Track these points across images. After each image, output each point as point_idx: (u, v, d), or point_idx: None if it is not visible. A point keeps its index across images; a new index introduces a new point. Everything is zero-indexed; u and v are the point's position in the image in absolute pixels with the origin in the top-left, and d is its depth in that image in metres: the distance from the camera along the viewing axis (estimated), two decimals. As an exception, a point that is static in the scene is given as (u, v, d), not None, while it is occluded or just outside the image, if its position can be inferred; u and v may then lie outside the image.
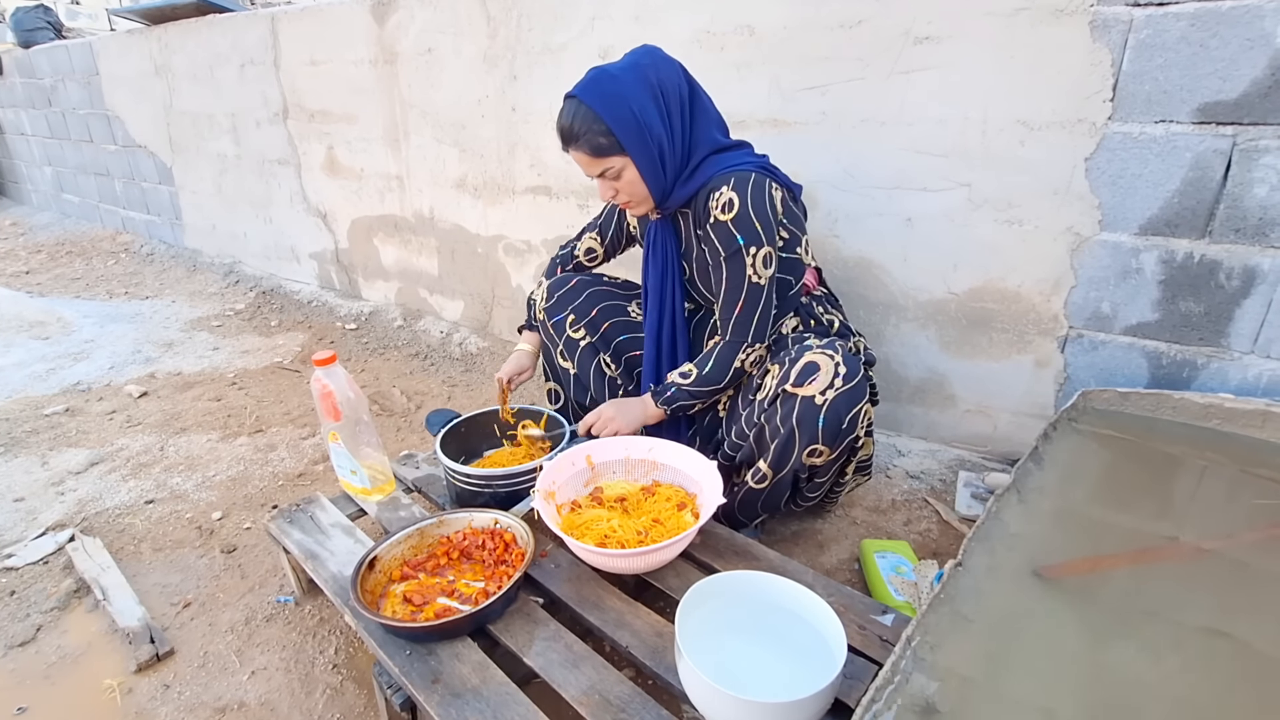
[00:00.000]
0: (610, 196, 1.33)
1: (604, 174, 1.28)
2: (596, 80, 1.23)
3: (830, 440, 1.18)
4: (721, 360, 1.31)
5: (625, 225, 1.59)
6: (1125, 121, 1.33)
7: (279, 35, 2.97)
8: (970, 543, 1.00)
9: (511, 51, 2.20)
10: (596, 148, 1.24)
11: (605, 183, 1.30)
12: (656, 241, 1.42)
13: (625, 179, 1.28)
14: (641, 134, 1.23)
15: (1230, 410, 1.29)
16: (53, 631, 1.36)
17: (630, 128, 1.22)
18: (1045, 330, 1.54)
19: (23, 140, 5.46)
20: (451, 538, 1.21)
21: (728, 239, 1.24)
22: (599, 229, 1.62)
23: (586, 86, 1.23)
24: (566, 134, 1.26)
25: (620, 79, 1.22)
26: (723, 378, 1.31)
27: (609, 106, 1.21)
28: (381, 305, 3.13)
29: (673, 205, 1.34)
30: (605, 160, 1.25)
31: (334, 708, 1.16)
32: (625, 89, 1.22)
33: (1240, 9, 1.19)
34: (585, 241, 1.63)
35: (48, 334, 3.00)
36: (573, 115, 1.23)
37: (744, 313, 1.28)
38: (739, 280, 1.26)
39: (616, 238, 1.61)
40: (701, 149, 1.29)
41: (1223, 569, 0.99)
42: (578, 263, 1.65)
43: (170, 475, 1.90)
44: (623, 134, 1.22)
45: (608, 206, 1.60)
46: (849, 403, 1.17)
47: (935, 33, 1.47)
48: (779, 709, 0.79)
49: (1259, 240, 1.27)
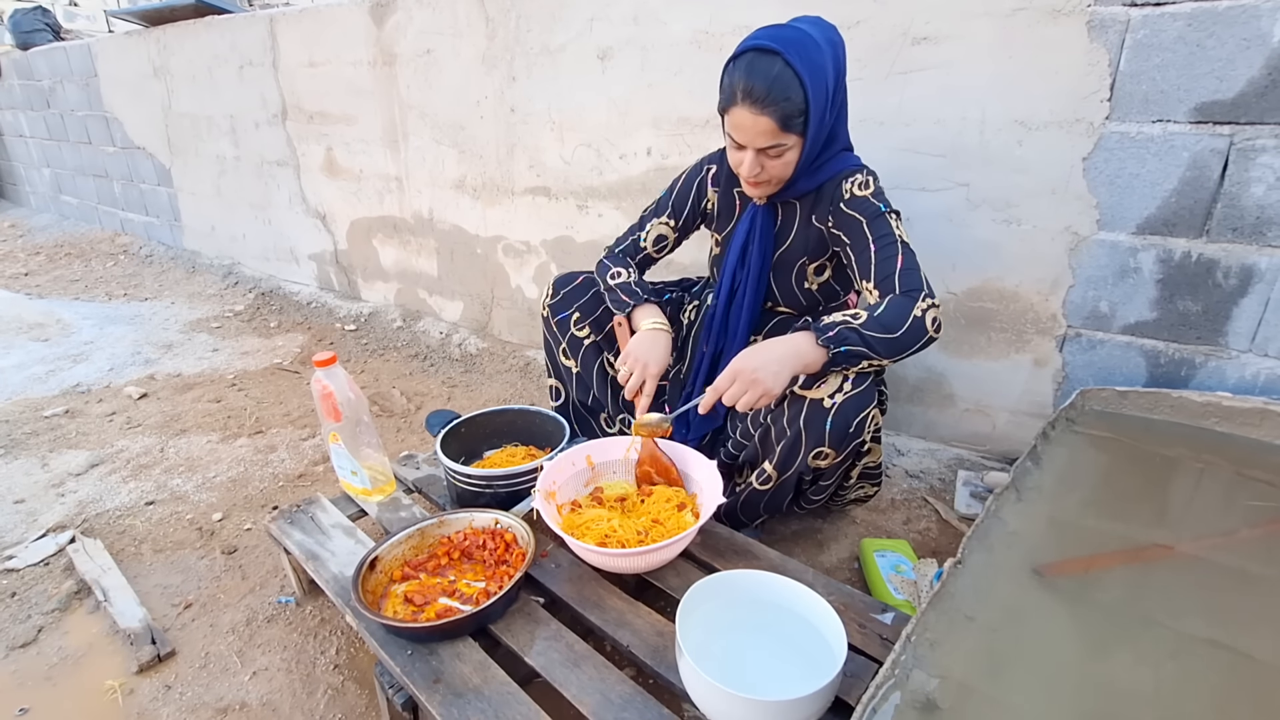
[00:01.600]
0: (755, 173, 1.17)
1: (768, 149, 1.13)
2: (801, 42, 1.06)
3: (837, 443, 1.16)
4: (897, 308, 1.08)
5: (704, 205, 1.44)
6: (1123, 121, 1.33)
7: (277, 36, 2.97)
8: (969, 541, 1.01)
9: (510, 53, 2.20)
10: (786, 119, 1.08)
11: (757, 158, 1.15)
12: (757, 224, 1.32)
13: (784, 160, 1.15)
14: (824, 116, 1.11)
15: (1228, 409, 1.30)
16: (54, 633, 1.36)
17: (821, 106, 1.09)
18: (1043, 329, 1.54)
19: (21, 142, 5.45)
20: (452, 538, 1.21)
21: (868, 206, 1.18)
22: (671, 212, 1.46)
23: (793, 45, 1.05)
24: (758, 94, 1.06)
25: (823, 50, 1.07)
26: (900, 326, 1.06)
27: (815, 77, 1.06)
28: (381, 306, 3.13)
29: (788, 194, 1.26)
30: (784, 135, 1.10)
31: (335, 708, 1.17)
32: (827, 62, 1.08)
33: (1237, 9, 1.19)
34: (654, 229, 1.47)
35: (47, 336, 3.00)
36: (773, 76, 1.06)
37: (908, 266, 1.12)
38: (891, 238, 1.15)
39: (691, 219, 1.46)
40: (838, 143, 1.22)
41: (1219, 566, 1.00)
42: (645, 255, 1.49)
43: (170, 476, 1.90)
44: (815, 112, 1.08)
45: (679, 187, 1.45)
46: (857, 407, 1.14)
47: (933, 33, 1.47)
48: (780, 707, 0.79)
49: (1256, 239, 1.28)
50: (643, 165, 2.04)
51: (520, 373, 2.45)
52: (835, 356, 1.06)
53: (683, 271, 2.05)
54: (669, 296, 1.59)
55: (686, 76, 1.86)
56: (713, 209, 1.45)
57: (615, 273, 1.43)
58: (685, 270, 2.04)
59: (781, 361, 1.07)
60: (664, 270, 2.10)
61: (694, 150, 1.90)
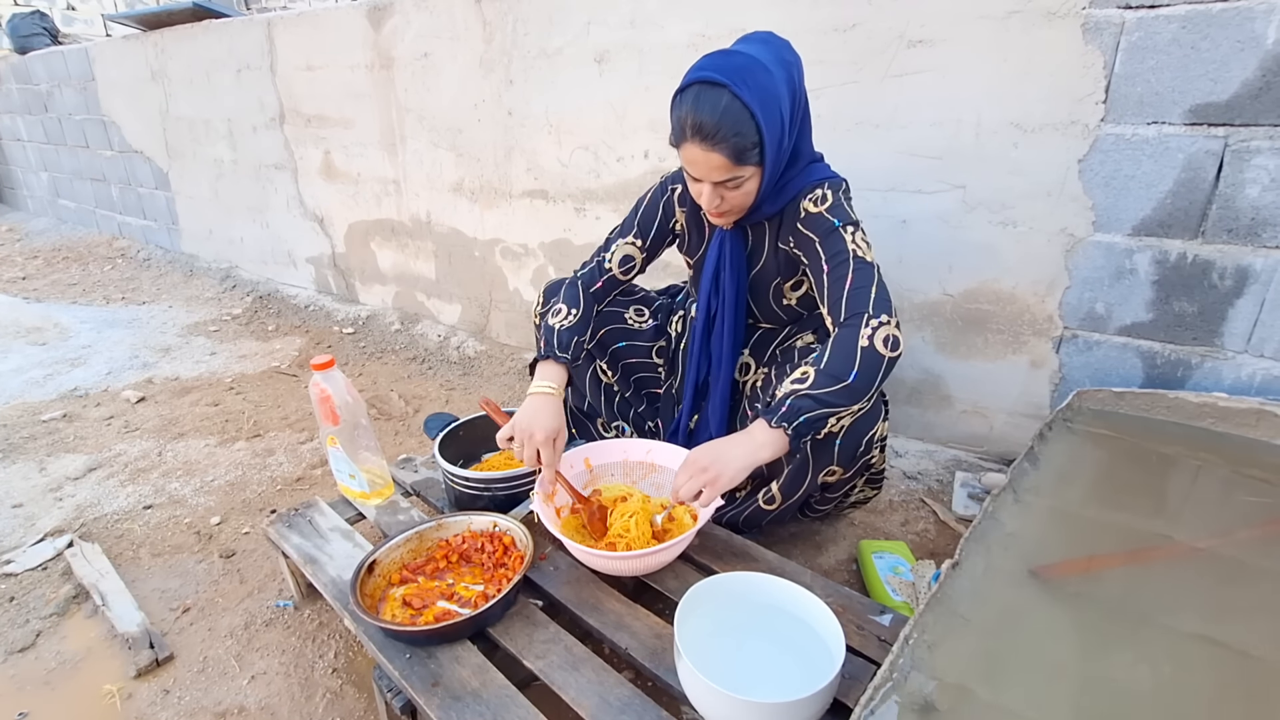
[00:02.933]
0: (715, 206, 1.13)
1: (725, 182, 1.08)
2: (750, 70, 1.00)
3: (846, 462, 1.15)
4: (840, 347, 1.02)
5: (672, 224, 1.36)
6: (1118, 123, 1.34)
7: (275, 40, 2.97)
8: (967, 543, 1.01)
9: (507, 56, 2.21)
10: (739, 153, 1.03)
11: (715, 191, 1.09)
12: (725, 250, 1.27)
13: (743, 190, 1.10)
14: (781, 142, 1.06)
15: (1224, 409, 1.30)
16: (52, 637, 1.36)
17: (776, 135, 1.04)
18: (1040, 331, 1.55)
19: (19, 146, 5.45)
20: (450, 541, 1.21)
21: (822, 223, 1.12)
22: (638, 232, 1.36)
23: (740, 76, 0.99)
24: (706, 129, 1.01)
25: (773, 74, 1.02)
26: (849, 367, 1.00)
27: (766, 107, 1.01)
28: (379, 309, 3.13)
29: (755, 218, 1.20)
30: (740, 169, 1.05)
31: (334, 711, 1.16)
32: (778, 87, 1.02)
33: (1231, 11, 1.20)
34: (620, 249, 1.36)
35: (45, 340, 3.00)
36: (722, 110, 1.00)
37: (856, 285, 1.06)
38: (843, 255, 1.08)
39: (658, 240, 1.38)
40: (801, 159, 1.16)
41: (1217, 567, 1.00)
42: (609, 278, 1.37)
43: (168, 480, 1.89)
44: (770, 141, 1.03)
45: (644, 206, 1.37)
46: (866, 425, 1.12)
47: (929, 36, 1.47)
48: (778, 709, 0.79)
49: (1251, 240, 1.28)
50: (640, 168, 2.04)
51: (518, 375, 2.45)
52: (797, 431, 1.00)
53: (679, 275, 2.06)
54: (659, 304, 1.57)
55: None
56: (682, 229, 1.38)
57: (557, 309, 1.33)
58: (681, 274, 2.05)
59: (736, 454, 1.02)
60: (662, 273, 2.10)
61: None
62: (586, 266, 1.41)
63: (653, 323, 1.53)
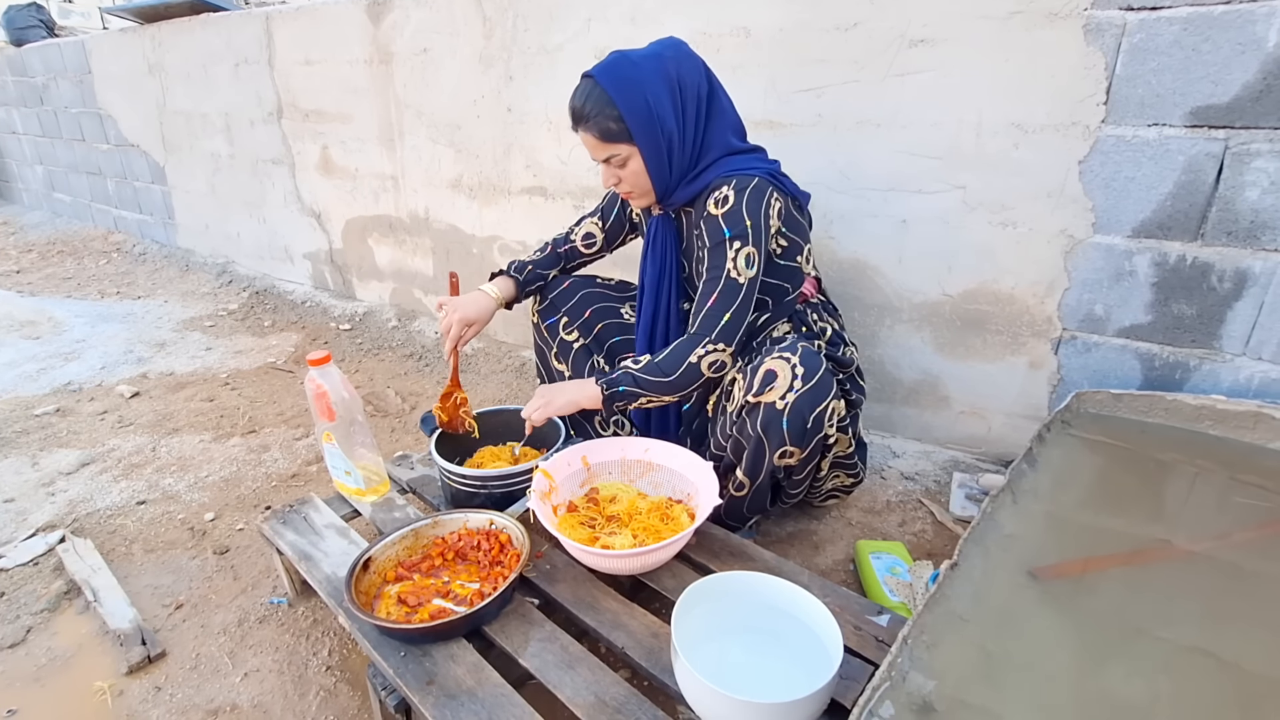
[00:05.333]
0: (613, 183, 1.32)
1: (609, 160, 1.27)
2: (616, 64, 1.21)
3: (798, 441, 1.18)
4: (678, 352, 1.23)
5: (629, 213, 1.56)
6: (1119, 125, 1.34)
7: (273, 34, 2.96)
8: (965, 544, 1.01)
9: (507, 52, 2.20)
10: (605, 132, 1.23)
11: (609, 169, 1.29)
12: (656, 236, 1.41)
13: (630, 168, 1.27)
14: (652, 126, 1.21)
15: (1222, 412, 1.30)
16: (43, 633, 1.35)
17: (641, 118, 1.20)
18: (1039, 332, 1.55)
19: (14, 139, 5.42)
20: (446, 539, 1.21)
21: (715, 231, 1.23)
22: (600, 214, 1.58)
23: (605, 69, 1.21)
24: (577, 113, 1.24)
25: (640, 66, 1.21)
26: (674, 370, 1.22)
27: (624, 92, 1.19)
28: (376, 306, 3.12)
29: (676, 202, 1.33)
30: (612, 146, 1.24)
31: (328, 709, 1.16)
32: (644, 76, 1.20)
33: (1232, 13, 1.20)
34: (585, 226, 1.58)
35: (38, 334, 2.98)
36: (586, 95, 1.22)
37: (716, 307, 1.23)
38: (718, 273, 1.23)
39: (618, 225, 1.57)
40: (713, 151, 1.28)
41: (1214, 569, 1.00)
42: (572, 247, 1.58)
43: (162, 476, 1.88)
44: (633, 123, 1.20)
45: (610, 193, 1.57)
46: (811, 402, 1.15)
47: (930, 35, 1.47)
48: (776, 709, 0.79)
49: (1250, 243, 1.28)
50: (639, 166, 2.03)
51: (516, 373, 2.45)
52: (611, 396, 1.25)
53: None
54: None
55: (684, 77, 1.86)
56: (639, 219, 1.54)
57: (539, 249, 1.58)
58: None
59: (565, 394, 1.29)
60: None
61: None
62: (563, 232, 1.62)
63: None
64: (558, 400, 1.29)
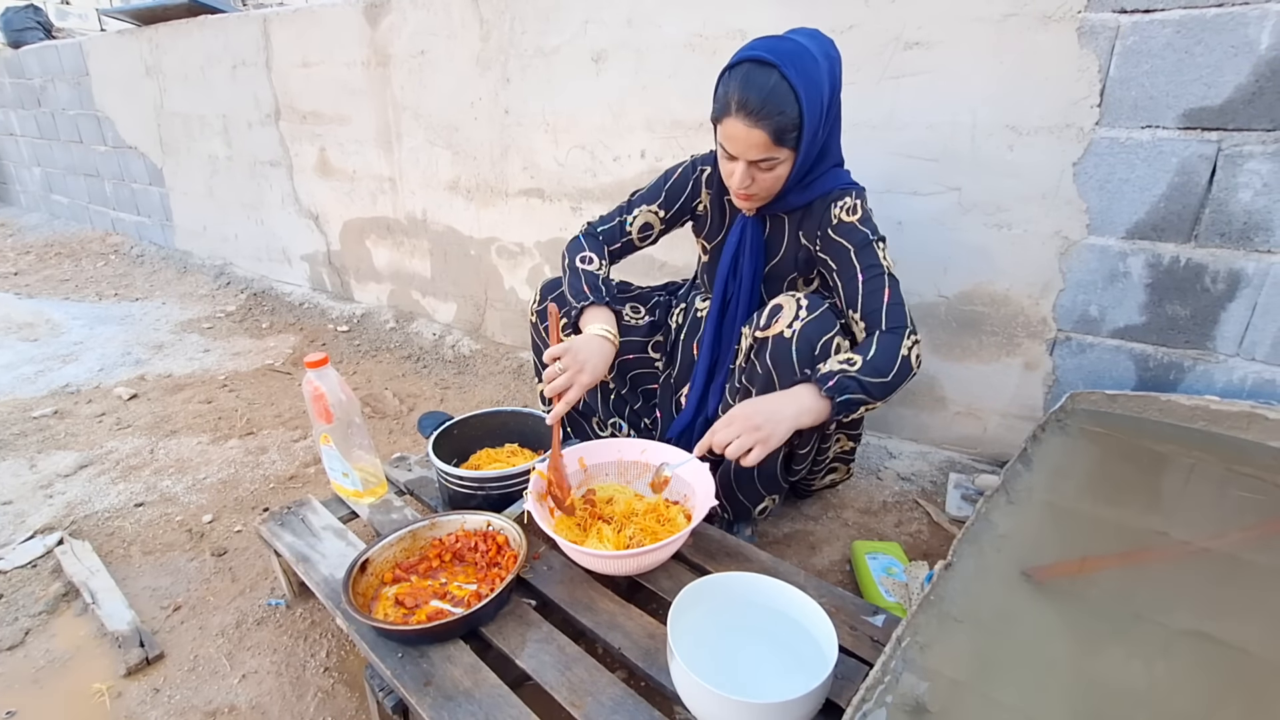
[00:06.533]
0: (745, 185, 1.16)
1: (760, 162, 1.12)
2: (797, 55, 1.05)
3: (807, 364, 1.15)
4: (888, 347, 1.09)
5: (695, 204, 1.41)
6: (1112, 127, 1.34)
7: (271, 36, 2.96)
8: (960, 544, 1.01)
9: (504, 54, 2.20)
10: (780, 133, 1.07)
11: (749, 170, 1.14)
12: (747, 235, 1.32)
13: (774, 173, 1.14)
14: (818, 131, 1.10)
15: (1216, 412, 1.31)
16: (41, 635, 1.35)
17: (815, 123, 1.08)
18: (1034, 333, 1.55)
19: (11, 141, 5.41)
20: (444, 540, 1.21)
21: (856, 234, 1.19)
22: (664, 202, 1.41)
23: (789, 58, 1.04)
24: (751, 106, 1.05)
25: (819, 64, 1.07)
26: (890, 368, 1.08)
27: (810, 92, 1.05)
28: (374, 307, 3.12)
29: (778, 208, 1.26)
30: (777, 150, 1.09)
31: (325, 711, 1.16)
32: (822, 77, 1.07)
33: (1225, 16, 1.20)
34: (643, 215, 1.42)
35: (36, 336, 2.98)
36: (769, 88, 1.04)
37: (894, 299, 1.14)
38: (878, 269, 1.15)
39: (678, 217, 1.43)
40: (830, 158, 1.21)
41: (1210, 569, 1.00)
42: (628, 241, 1.43)
43: (160, 478, 1.88)
44: (809, 127, 1.07)
45: (675, 178, 1.42)
46: (818, 330, 1.14)
47: (925, 38, 1.48)
48: (771, 709, 0.79)
49: (1243, 244, 1.29)
50: (636, 168, 2.04)
51: (513, 374, 2.45)
52: (838, 406, 1.06)
53: (676, 274, 2.06)
54: (656, 300, 1.59)
55: (680, 79, 1.86)
56: (705, 211, 1.43)
57: (587, 257, 1.37)
58: (679, 272, 2.05)
59: (786, 415, 1.05)
60: (658, 274, 2.11)
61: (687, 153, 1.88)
62: (607, 223, 1.44)
63: (649, 319, 1.56)
64: (779, 429, 1.04)
